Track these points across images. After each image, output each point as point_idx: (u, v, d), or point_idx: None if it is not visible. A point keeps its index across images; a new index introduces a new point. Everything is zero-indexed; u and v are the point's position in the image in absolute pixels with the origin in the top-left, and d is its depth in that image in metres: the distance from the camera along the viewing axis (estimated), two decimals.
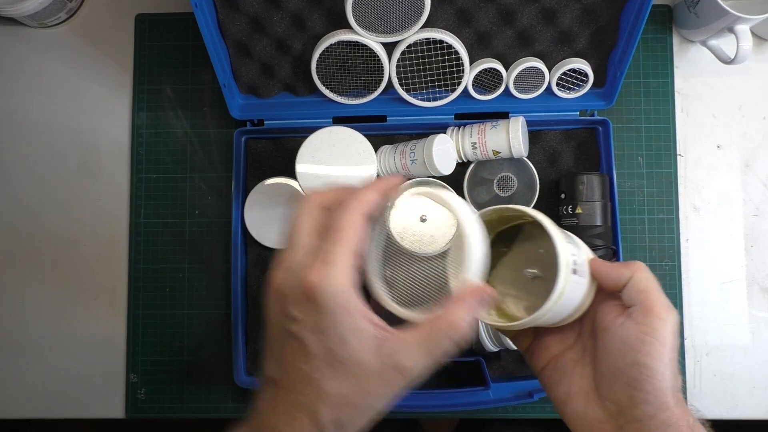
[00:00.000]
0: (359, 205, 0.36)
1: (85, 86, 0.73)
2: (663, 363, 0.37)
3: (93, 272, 0.71)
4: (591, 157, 0.69)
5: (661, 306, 0.38)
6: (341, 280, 0.33)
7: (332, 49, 0.64)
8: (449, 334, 0.35)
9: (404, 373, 0.34)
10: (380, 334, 0.34)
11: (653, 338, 0.37)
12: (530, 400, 0.63)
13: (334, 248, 0.34)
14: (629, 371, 0.37)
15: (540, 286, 0.41)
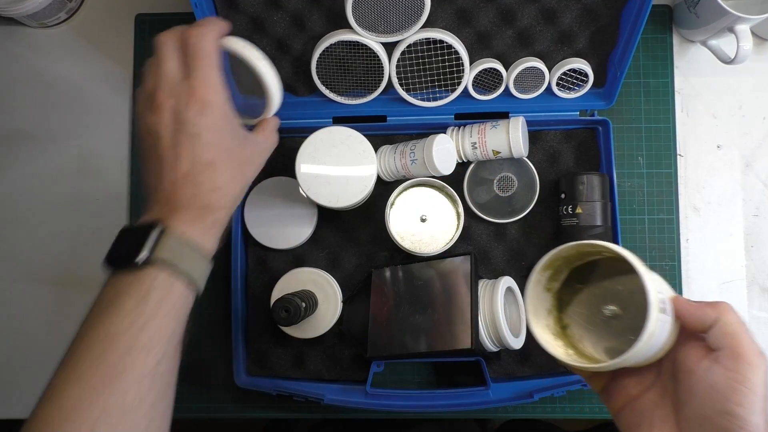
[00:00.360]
0: (213, 30, 0.45)
1: (85, 86, 0.73)
2: (755, 413, 0.35)
3: (93, 272, 0.71)
4: (591, 157, 0.69)
5: (751, 352, 0.36)
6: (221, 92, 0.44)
7: (332, 49, 0.64)
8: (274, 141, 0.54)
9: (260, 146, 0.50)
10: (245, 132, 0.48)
11: (744, 386, 0.35)
12: (530, 400, 0.62)
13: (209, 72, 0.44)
14: (719, 420, 0.35)
15: (618, 325, 0.40)
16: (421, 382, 0.69)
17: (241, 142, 0.47)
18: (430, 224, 0.65)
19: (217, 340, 0.70)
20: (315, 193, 0.61)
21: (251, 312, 0.69)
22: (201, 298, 0.70)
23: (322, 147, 0.62)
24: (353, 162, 0.62)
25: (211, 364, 0.70)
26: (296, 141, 0.69)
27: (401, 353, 0.62)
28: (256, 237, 0.68)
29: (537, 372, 0.67)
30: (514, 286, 0.65)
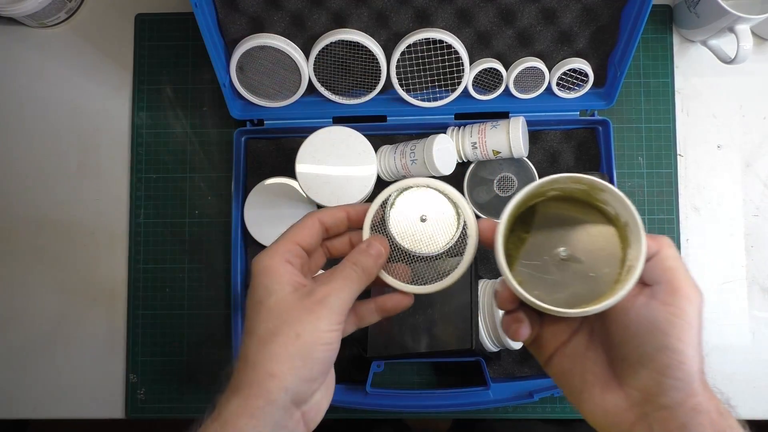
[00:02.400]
0: (319, 212, 0.42)
1: (85, 86, 0.73)
2: (693, 346, 0.34)
3: (93, 272, 0.71)
4: (591, 157, 0.69)
5: (689, 286, 0.35)
6: (273, 257, 0.39)
7: (330, 49, 0.64)
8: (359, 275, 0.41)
9: (325, 303, 0.38)
10: (300, 280, 0.40)
11: (683, 320, 0.34)
12: (530, 400, 0.62)
13: (277, 241, 0.41)
14: (658, 356, 0.35)
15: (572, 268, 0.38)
16: (421, 382, 0.69)
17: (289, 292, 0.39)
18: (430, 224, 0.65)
19: (217, 340, 0.70)
20: (315, 193, 0.61)
21: None
22: (201, 298, 0.71)
23: (322, 147, 0.62)
24: (353, 162, 0.62)
25: (211, 364, 0.70)
26: (296, 141, 0.69)
27: (401, 353, 0.62)
28: (256, 237, 0.68)
29: (537, 372, 0.67)
30: None
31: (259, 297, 0.39)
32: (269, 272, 0.39)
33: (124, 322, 0.71)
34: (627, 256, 0.37)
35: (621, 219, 0.38)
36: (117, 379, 0.70)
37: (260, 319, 0.38)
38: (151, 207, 0.71)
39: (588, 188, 0.38)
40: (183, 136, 0.72)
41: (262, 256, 0.40)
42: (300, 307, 0.38)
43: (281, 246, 0.41)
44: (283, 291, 0.38)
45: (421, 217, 0.50)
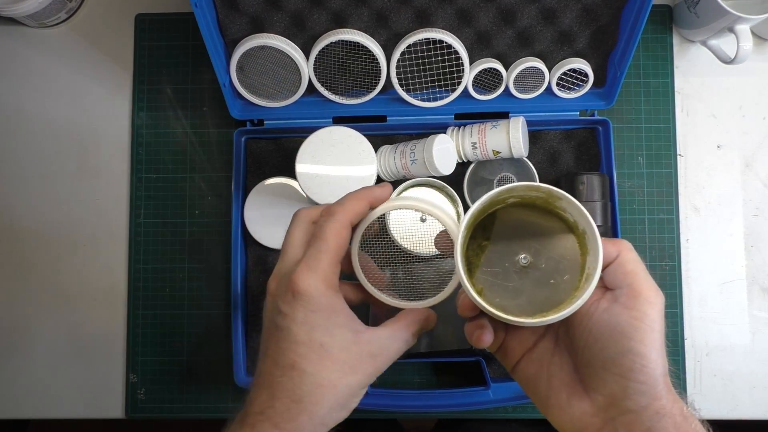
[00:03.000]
0: (345, 213, 0.40)
1: (85, 86, 0.73)
2: (656, 350, 0.35)
3: (93, 272, 0.71)
4: (591, 157, 0.69)
5: (650, 289, 0.36)
6: (323, 280, 0.38)
7: (330, 49, 0.64)
8: (406, 338, 0.41)
9: (376, 360, 0.39)
10: (359, 327, 0.39)
11: (645, 324, 0.35)
12: (530, 400, 0.62)
13: (317, 255, 0.39)
14: (622, 360, 0.35)
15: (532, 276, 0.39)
16: (421, 382, 0.69)
17: (348, 340, 0.38)
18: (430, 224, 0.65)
19: (217, 340, 0.70)
20: (315, 193, 0.61)
21: (251, 312, 0.69)
22: (201, 298, 0.71)
23: (322, 147, 0.62)
24: (353, 162, 0.62)
25: (211, 364, 0.70)
26: (296, 141, 0.69)
27: None
28: (256, 237, 0.68)
29: None
30: None
31: (318, 339, 0.38)
32: (326, 307, 0.38)
33: (124, 322, 0.71)
34: (586, 263, 0.38)
35: (579, 226, 0.38)
36: (117, 379, 0.70)
37: (321, 367, 0.37)
38: (151, 207, 0.71)
39: (546, 196, 0.38)
40: (183, 136, 0.72)
41: (309, 277, 0.38)
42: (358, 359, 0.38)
43: (327, 266, 0.39)
44: (345, 338, 0.38)
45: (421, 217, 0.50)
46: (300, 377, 0.37)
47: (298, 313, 0.38)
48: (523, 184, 0.37)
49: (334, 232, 0.39)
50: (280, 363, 0.37)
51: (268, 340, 0.39)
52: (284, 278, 0.39)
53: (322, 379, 0.37)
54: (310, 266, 0.38)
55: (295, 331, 0.37)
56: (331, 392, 0.37)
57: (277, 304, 0.39)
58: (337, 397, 0.37)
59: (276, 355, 0.38)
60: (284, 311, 0.38)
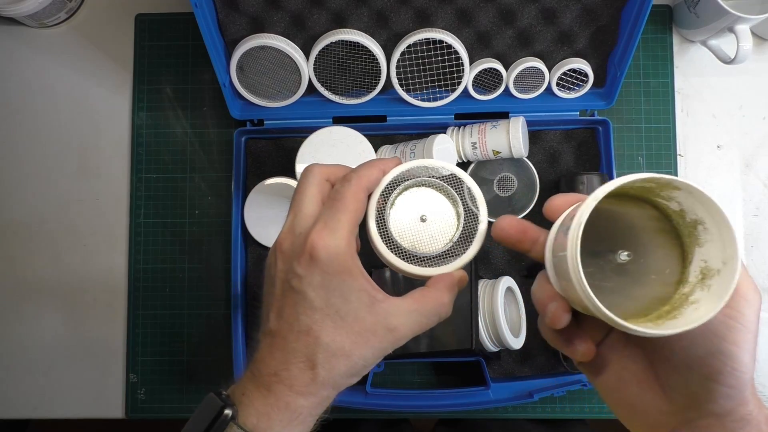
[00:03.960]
0: (361, 179, 0.40)
1: (85, 86, 0.73)
2: (749, 353, 0.32)
3: (93, 272, 0.71)
4: (591, 157, 0.69)
5: (749, 287, 0.32)
6: (343, 243, 0.37)
7: (330, 49, 0.64)
8: (437, 309, 0.39)
9: (394, 333, 0.38)
10: (378, 295, 0.38)
11: (740, 324, 0.31)
12: (530, 400, 0.62)
13: (337, 215, 0.37)
14: (710, 361, 0.32)
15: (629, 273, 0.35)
16: (421, 382, 0.69)
17: (364, 307, 0.37)
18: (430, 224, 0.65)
19: (217, 340, 0.70)
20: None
21: (251, 312, 0.69)
22: (201, 298, 0.71)
23: (322, 147, 0.62)
24: (353, 162, 0.62)
25: (211, 364, 0.70)
26: (296, 141, 0.69)
27: (401, 353, 0.62)
28: (256, 237, 0.68)
29: (537, 372, 0.67)
30: (514, 286, 0.65)
31: (335, 304, 0.37)
32: (344, 271, 0.37)
33: (124, 322, 0.71)
34: (694, 253, 0.34)
35: (688, 215, 0.34)
36: (117, 379, 0.70)
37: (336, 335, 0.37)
38: (151, 207, 0.71)
39: (656, 186, 0.33)
40: (183, 136, 0.72)
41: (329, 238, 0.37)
42: (372, 330, 0.37)
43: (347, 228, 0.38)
44: (361, 305, 0.37)
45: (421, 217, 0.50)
46: (315, 344, 0.36)
47: (315, 277, 0.36)
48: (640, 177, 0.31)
49: (353, 195, 0.38)
50: (295, 328, 0.37)
51: (281, 299, 0.38)
52: (299, 237, 0.38)
53: (336, 348, 0.36)
54: (330, 226, 0.37)
55: (311, 296, 0.36)
56: (345, 361, 0.37)
57: (292, 266, 0.37)
58: (349, 366, 0.37)
59: (291, 318, 0.37)
60: (300, 273, 0.37)
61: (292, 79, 0.66)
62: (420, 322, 0.39)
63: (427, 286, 0.40)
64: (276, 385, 0.37)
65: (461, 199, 0.57)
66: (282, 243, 0.39)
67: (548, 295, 0.35)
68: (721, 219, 0.32)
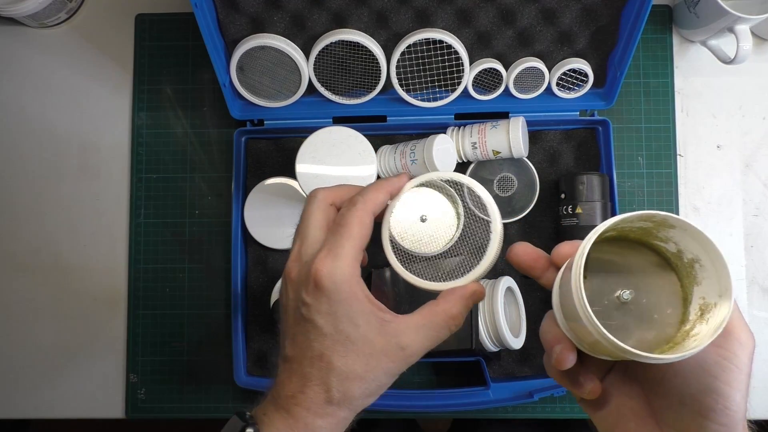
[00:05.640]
0: (366, 203, 0.40)
1: (85, 86, 0.73)
2: (741, 392, 0.34)
3: (93, 272, 0.71)
4: (591, 157, 0.69)
5: (742, 330, 0.34)
6: (347, 270, 0.37)
7: (330, 49, 0.64)
8: (447, 323, 0.39)
9: (406, 351, 0.38)
10: (386, 316, 0.38)
11: (733, 365, 0.33)
12: (530, 400, 0.62)
13: (341, 242, 0.38)
14: (703, 399, 0.34)
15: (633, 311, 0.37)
16: (421, 382, 0.69)
17: (373, 330, 0.38)
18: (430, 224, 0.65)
19: (217, 340, 0.70)
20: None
21: (251, 312, 0.69)
22: (201, 298, 0.71)
23: (322, 147, 0.62)
24: (353, 162, 0.62)
25: (211, 364, 0.70)
26: (296, 141, 0.69)
27: None
28: (256, 237, 0.68)
29: (537, 372, 0.67)
30: (514, 286, 0.65)
31: (344, 330, 0.37)
32: (349, 297, 0.37)
33: (124, 322, 0.71)
34: (692, 294, 0.36)
35: (684, 257, 0.36)
36: (117, 379, 0.70)
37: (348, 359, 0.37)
38: (151, 207, 0.71)
39: (653, 226, 0.36)
40: (183, 136, 0.72)
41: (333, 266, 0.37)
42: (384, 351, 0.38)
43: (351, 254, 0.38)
44: (370, 328, 0.38)
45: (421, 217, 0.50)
46: (328, 369, 0.37)
47: (322, 305, 0.37)
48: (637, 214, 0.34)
49: (357, 220, 0.39)
50: (308, 354, 0.38)
51: (294, 327, 0.39)
52: (305, 265, 0.38)
53: (349, 371, 0.37)
54: (334, 254, 0.37)
55: (320, 323, 0.37)
56: (359, 384, 0.38)
57: (300, 294, 0.38)
58: (364, 388, 0.38)
59: (303, 344, 0.38)
60: (308, 302, 0.37)
61: (292, 79, 0.66)
62: (430, 336, 0.39)
63: (437, 298, 0.40)
64: (294, 407, 0.38)
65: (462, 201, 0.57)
66: (290, 271, 0.40)
67: (554, 336, 0.37)
68: (715, 253, 0.35)
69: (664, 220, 0.35)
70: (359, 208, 0.39)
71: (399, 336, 0.38)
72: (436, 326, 0.39)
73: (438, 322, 0.39)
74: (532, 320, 0.66)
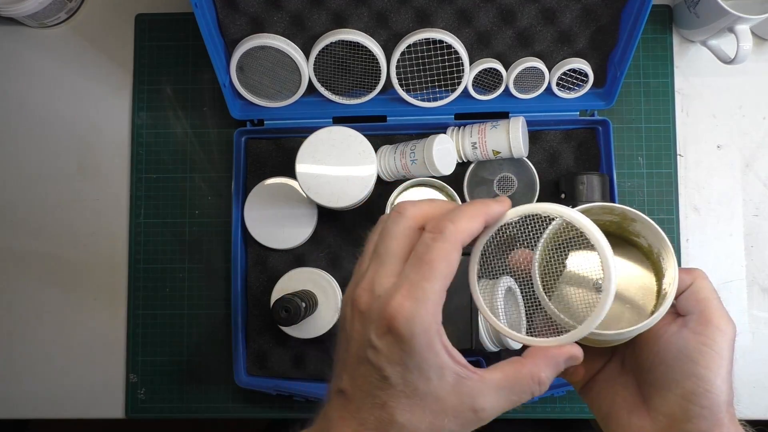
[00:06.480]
0: (458, 233, 0.34)
1: (85, 86, 0.73)
2: (721, 377, 0.35)
3: (93, 272, 0.71)
4: (591, 157, 0.69)
5: (721, 317, 0.36)
6: (427, 317, 0.32)
7: (330, 49, 0.64)
8: (531, 387, 0.35)
9: (479, 414, 0.34)
10: (463, 372, 0.34)
11: (712, 350, 0.35)
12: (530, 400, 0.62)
13: (423, 283, 0.32)
14: (685, 383, 0.35)
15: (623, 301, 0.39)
16: None
17: (447, 387, 0.33)
18: None
19: (217, 340, 0.70)
20: (315, 193, 0.61)
21: (251, 312, 0.69)
22: (201, 298, 0.71)
23: (322, 147, 0.62)
24: (353, 162, 0.62)
25: (211, 364, 0.70)
26: (296, 141, 0.69)
27: None
28: (256, 237, 0.68)
29: None
30: (514, 286, 0.65)
31: (413, 383, 0.32)
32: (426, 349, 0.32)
33: (124, 322, 0.71)
34: (662, 286, 0.38)
35: (654, 250, 0.38)
36: (117, 379, 0.70)
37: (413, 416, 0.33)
38: (151, 207, 0.71)
39: (620, 219, 0.38)
40: (183, 136, 0.72)
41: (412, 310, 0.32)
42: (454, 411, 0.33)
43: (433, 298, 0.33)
44: (443, 384, 0.33)
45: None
46: (389, 422, 0.33)
47: (394, 353, 0.32)
48: (598, 205, 0.37)
49: (443, 256, 0.33)
50: (368, 399, 0.33)
51: (356, 365, 0.34)
52: (379, 300, 0.33)
53: (412, 428, 0.33)
54: (414, 296, 0.32)
55: (388, 372, 0.33)
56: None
57: (369, 335, 0.33)
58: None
59: (364, 387, 0.34)
60: (377, 346, 0.33)
61: (292, 79, 0.66)
62: (511, 400, 0.34)
63: (524, 356, 0.36)
64: None
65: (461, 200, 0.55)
66: (359, 300, 0.34)
67: None
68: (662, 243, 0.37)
69: (624, 212, 0.37)
70: (449, 239, 0.33)
71: (475, 397, 0.33)
72: (520, 391, 0.34)
73: (523, 386, 0.34)
74: None
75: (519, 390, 0.34)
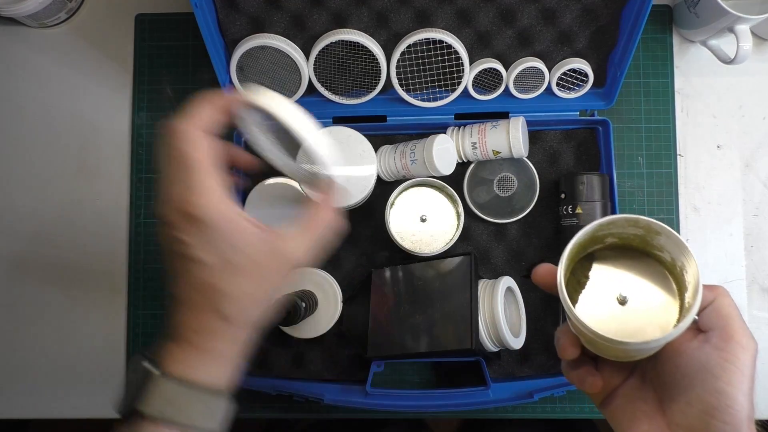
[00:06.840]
0: (192, 126, 0.41)
1: (85, 86, 0.73)
2: (743, 392, 0.35)
3: (93, 272, 0.71)
4: (591, 157, 0.69)
5: (743, 334, 0.37)
6: (213, 199, 0.38)
7: (330, 49, 0.64)
8: (326, 228, 0.43)
9: (294, 262, 0.41)
10: (266, 235, 0.40)
11: (735, 366, 0.36)
12: (530, 400, 0.62)
13: (191, 175, 0.38)
14: (708, 398, 0.36)
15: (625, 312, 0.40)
16: (421, 382, 0.69)
17: (259, 253, 0.39)
18: (430, 224, 0.65)
19: None
20: (315, 194, 0.61)
21: None
22: None
23: None
24: (353, 162, 0.62)
25: None
26: None
27: (401, 353, 0.62)
28: None
29: (537, 372, 0.67)
30: (514, 286, 0.65)
31: (230, 259, 0.38)
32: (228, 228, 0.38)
33: (124, 322, 0.71)
34: (684, 300, 0.38)
35: (677, 264, 0.38)
36: (117, 379, 0.70)
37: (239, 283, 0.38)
38: (151, 207, 0.71)
39: (644, 232, 0.38)
40: None
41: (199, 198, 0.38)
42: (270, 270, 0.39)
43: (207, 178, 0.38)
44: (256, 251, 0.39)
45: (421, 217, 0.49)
46: (220, 297, 0.38)
47: (201, 239, 0.38)
48: (623, 217, 0.38)
49: (195, 147, 0.39)
50: (195, 287, 0.39)
51: (174, 266, 0.40)
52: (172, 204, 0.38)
53: (240, 293, 0.39)
54: (193, 189, 0.38)
55: (203, 257, 0.38)
56: (253, 305, 0.40)
57: (174, 234, 0.38)
58: (257, 304, 0.40)
59: (189, 280, 0.39)
60: (184, 239, 0.38)
61: (292, 79, 0.66)
62: (315, 242, 0.42)
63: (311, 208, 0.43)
64: (192, 336, 0.39)
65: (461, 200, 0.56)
66: (159, 213, 0.40)
67: (563, 332, 0.41)
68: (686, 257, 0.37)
69: (648, 225, 0.38)
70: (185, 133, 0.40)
71: (284, 250, 0.40)
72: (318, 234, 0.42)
73: (318, 229, 0.42)
74: (532, 320, 0.66)
75: (317, 232, 0.42)
